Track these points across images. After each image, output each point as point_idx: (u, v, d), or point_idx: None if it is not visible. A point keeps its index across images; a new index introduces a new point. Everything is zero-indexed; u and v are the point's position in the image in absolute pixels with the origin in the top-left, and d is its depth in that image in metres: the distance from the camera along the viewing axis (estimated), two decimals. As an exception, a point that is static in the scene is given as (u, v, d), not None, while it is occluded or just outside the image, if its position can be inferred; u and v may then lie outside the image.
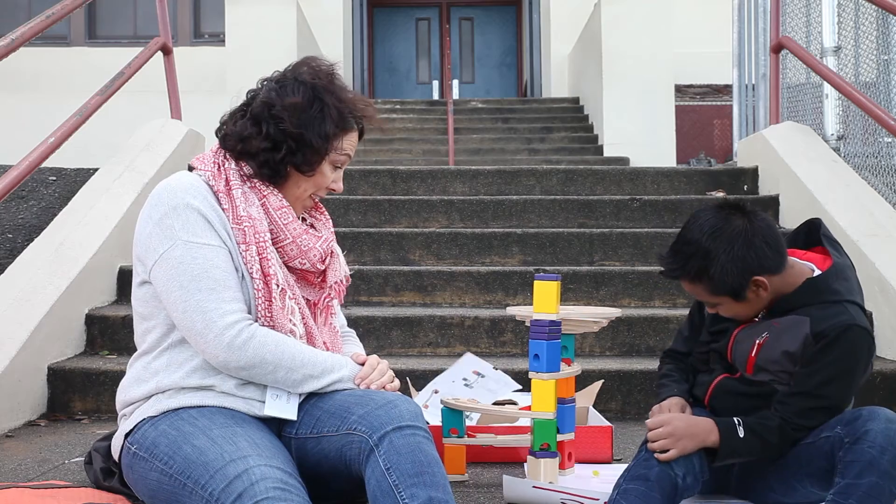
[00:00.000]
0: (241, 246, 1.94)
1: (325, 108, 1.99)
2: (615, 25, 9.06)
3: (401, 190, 5.09)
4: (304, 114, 1.98)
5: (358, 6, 12.71)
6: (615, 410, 3.24)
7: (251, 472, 1.71)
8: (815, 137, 4.77)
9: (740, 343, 2.11)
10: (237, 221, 1.95)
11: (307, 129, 1.98)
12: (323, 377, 1.94)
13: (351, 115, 2.04)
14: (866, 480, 1.84)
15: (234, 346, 1.87)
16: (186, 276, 1.89)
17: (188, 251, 1.90)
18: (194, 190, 1.95)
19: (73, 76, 10.56)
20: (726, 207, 2.07)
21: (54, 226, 3.93)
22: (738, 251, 2.00)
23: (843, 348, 1.98)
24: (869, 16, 4.84)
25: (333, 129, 2.00)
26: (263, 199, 2.00)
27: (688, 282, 2.07)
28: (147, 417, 1.91)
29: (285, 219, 2.00)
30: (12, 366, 3.08)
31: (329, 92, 2.02)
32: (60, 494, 2.11)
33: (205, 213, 1.93)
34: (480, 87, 14.58)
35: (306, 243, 2.01)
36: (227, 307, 1.89)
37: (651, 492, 1.90)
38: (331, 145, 2.00)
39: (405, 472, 1.74)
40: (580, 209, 4.69)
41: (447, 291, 4.00)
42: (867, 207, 3.94)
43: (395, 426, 1.78)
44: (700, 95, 10.92)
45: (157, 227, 1.93)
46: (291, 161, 1.99)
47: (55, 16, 3.81)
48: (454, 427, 2.43)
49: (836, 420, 1.95)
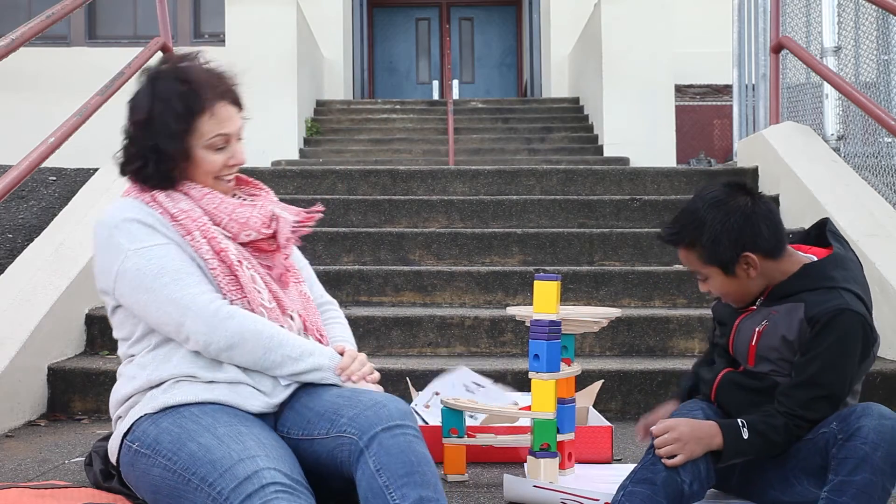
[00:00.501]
0: (187, 237, 1.99)
1: (165, 104, 1.99)
2: (615, 25, 9.06)
3: (401, 190, 5.09)
4: (150, 126, 2.00)
5: (358, 6, 12.71)
6: (615, 410, 3.24)
7: (261, 475, 1.71)
8: (815, 137, 4.77)
9: (741, 333, 2.11)
10: (174, 219, 2.00)
11: (157, 138, 1.99)
12: (301, 360, 1.95)
13: (202, 94, 2.00)
14: (860, 477, 1.83)
15: (215, 324, 1.90)
16: (148, 278, 1.93)
17: (140, 257, 1.95)
18: (127, 207, 2.01)
19: (73, 76, 10.54)
20: (733, 185, 2.10)
21: (54, 226, 3.94)
22: (733, 223, 2.03)
23: (835, 333, 1.97)
24: (869, 16, 4.84)
25: (181, 126, 1.99)
26: (187, 194, 2.04)
27: (682, 248, 2.10)
28: (145, 414, 1.91)
29: (214, 202, 2.03)
30: (12, 366, 3.08)
31: (172, 81, 2.01)
32: (60, 494, 2.11)
33: (143, 219, 1.98)
34: (480, 87, 14.58)
35: (243, 215, 2.03)
36: (196, 289, 1.93)
37: (657, 496, 1.90)
38: (186, 140, 2.00)
39: (395, 473, 1.74)
40: (580, 209, 4.69)
41: (447, 291, 4.00)
42: (867, 207, 3.94)
43: (384, 426, 1.79)
44: (700, 95, 10.92)
45: (106, 251, 1.99)
46: (160, 170, 2.01)
47: (55, 16, 3.81)
48: (454, 427, 2.43)
49: (834, 416, 1.95)
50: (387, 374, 3.22)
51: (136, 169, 2.03)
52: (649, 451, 1.98)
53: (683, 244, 2.09)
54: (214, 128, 2.01)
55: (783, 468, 2.02)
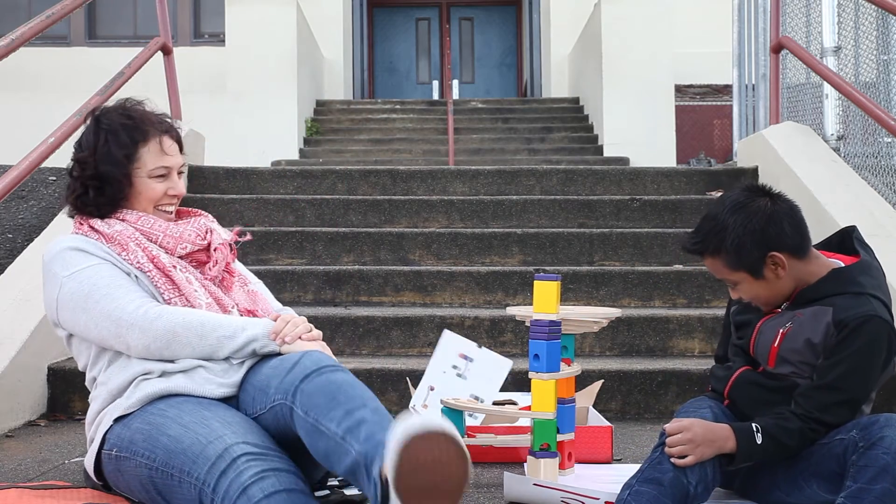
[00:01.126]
0: (122, 253, 2.09)
1: (108, 134, 2.12)
2: (615, 25, 9.06)
3: (401, 190, 5.09)
4: (94, 154, 2.13)
5: (358, 6, 12.71)
6: (615, 410, 3.24)
7: (230, 451, 1.76)
8: (815, 137, 4.77)
9: (764, 334, 2.11)
10: (109, 240, 2.11)
11: (100, 165, 2.12)
12: (236, 336, 2.00)
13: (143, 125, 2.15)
14: (879, 486, 1.83)
15: (146, 327, 1.98)
16: (81, 299, 2.03)
17: (73, 281, 2.05)
18: (65, 239, 2.14)
19: (73, 76, 10.56)
20: (752, 189, 2.10)
21: (54, 226, 3.93)
22: (756, 224, 2.02)
23: (863, 339, 1.97)
24: (869, 16, 4.84)
25: (124, 151, 2.12)
26: (123, 220, 2.15)
27: (708, 256, 2.09)
28: (116, 420, 1.97)
29: (147, 223, 2.14)
30: (12, 366, 3.08)
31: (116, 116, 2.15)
32: (60, 494, 2.11)
33: (79, 245, 2.09)
34: (480, 87, 14.58)
35: (176, 230, 2.14)
36: (124, 300, 2.01)
37: (663, 497, 1.89)
38: (129, 166, 2.13)
39: (319, 406, 1.79)
40: (580, 209, 4.69)
41: (447, 291, 4.00)
42: (867, 207, 3.93)
43: (301, 378, 1.85)
44: (700, 95, 10.93)
45: (47, 283, 2.10)
46: (102, 195, 2.14)
47: (55, 16, 3.81)
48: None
49: (853, 423, 1.95)
50: (387, 374, 3.22)
51: (76, 196, 2.16)
52: (656, 450, 1.97)
53: (708, 252, 2.08)
54: (156, 159, 2.15)
55: (793, 470, 2.02)
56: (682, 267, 4.14)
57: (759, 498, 2.09)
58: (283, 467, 1.76)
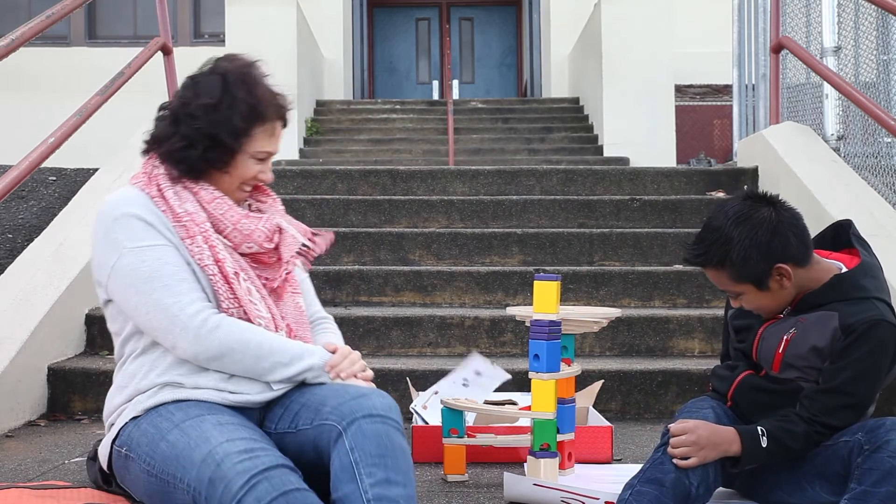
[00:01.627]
0: (187, 240, 1.97)
1: (234, 102, 2.01)
2: (615, 25, 9.06)
3: (401, 190, 5.09)
4: (215, 111, 2.00)
5: (358, 6, 12.71)
6: (615, 410, 3.24)
7: (214, 453, 1.72)
8: (815, 137, 4.77)
9: (766, 340, 2.10)
10: (177, 219, 1.98)
11: (218, 127, 1.99)
12: (292, 365, 1.95)
13: (265, 107, 2.04)
14: (884, 489, 1.83)
15: (202, 336, 1.90)
16: (139, 280, 1.93)
17: (136, 256, 1.94)
18: (130, 200, 1.99)
19: (73, 76, 10.55)
20: (753, 197, 2.07)
21: (54, 226, 3.93)
22: (761, 237, 1.99)
23: (871, 343, 1.96)
24: (869, 16, 4.84)
25: (243, 125, 2.01)
26: (196, 195, 2.02)
27: (711, 268, 2.06)
28: (130, 419, 1.94)
29: (220, 208, 2.02)
30: (12, 366, 3.08)
31: (241, 86, 2.03)
32: (60, 494, 2.11)
33: (144, 217, 1.97)
34: (480, 87, 14.58)
35: (247, 227, 2.03)
36: (185, 299, 1.92)
37: (664, 498, 1.89)
38: (242, 141, 2.02)
39: (368, 453, 1.75)
40: (580, 209, 4.69)
41: (447, 291, 4.00)
42: (867, 207, 3.93)
43: (365, 414, 1.80)
44: (700, 95, 10.92)
45: (104, 244, 1.98)
46: (205, 157, 2.01)
47: (55, 16, 3.81)
48: (454, 427, 2.43)
49: (858, 426, 1.95)
50: (387, 374, 3.22)
51: (176, 148, 2.00)
52: (658, 450, 1.97)
53: (712, 265, 2.05)
54: (265, 143, 2.05)
55: (796, 471, 2.02)
56: (682, 267, 4.14)
57: (760, 497, 2.09)
58: (272, 463, 1.71)
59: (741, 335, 2.18)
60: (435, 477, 2.47)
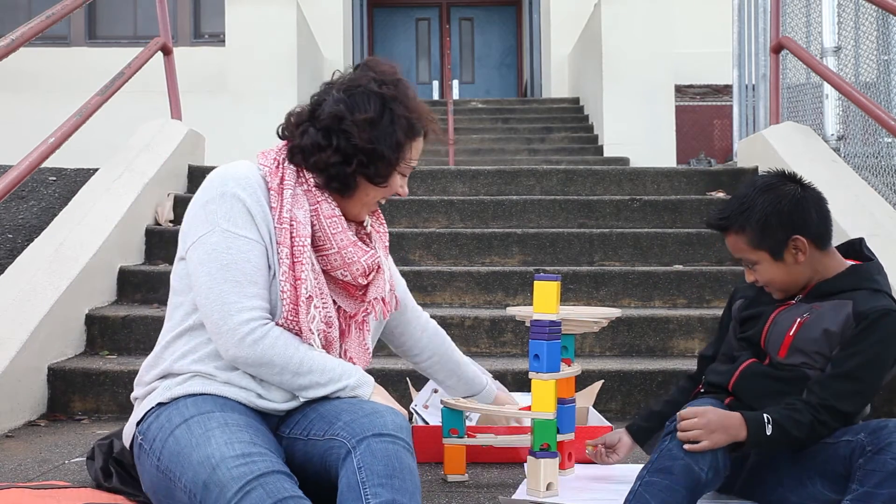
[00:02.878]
0: (278, 246, 1.94)
1: (395, 119, 1.99)
2: (615, 25, 9.06)
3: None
4: (375, 128, 1.98)
5: (358, 6, 12.72)
6: (615, 410, 3.24)
7: (211, 456, 1.71)
8: (815, 137, 4.77)
9: (778, 324, 2.12)
10: (280, 221, 1.95)
11: (379, 143, 1.98)
12: (329, 385, 1.93)
13: (418, 122, 2.04)
14: (886, 491, 1.83)
15: (245, 343, 1.88)
16: (216, 265, 1.90)
17: (224, 239, 1.91)
18: (245, 181, 1.95)
19: (73, 76, 10.55)
20: (783, 174, 2.15)
21: (54, 226, 3.93)
22: (783, 206, 2.08)
23: (882, 332, 2.00)
24: (869, 16, 4.84)
25: (404, 139, 2.01)
26: (316, 204, 1.99)
27: (732, 232, 2.12)
28: (156, 405, 1.92)
29: (334, 228, 1.99)
30: (12, 366, 3.08)
31: (398, 101, 2.01)
32: (60, 494, 2.11)
33: (249, 205, 1.93)
34: (480, 87, 14.58)
35: (351, 256, 2.00)
36: (246, 303, 1.89)
37: (675, 485, 1.89)
38: (401, 155, 2.02)
39: (375, 472, 1.73)
40: (580, 209, 4.69)
41: (447, 291, 4.00)
42: (867, 207, 3.94)
43: (375, 433, 1.78)
44: (700, 95, 10.92)
45: (202, 210, 1.95)
46: (363, 173, 1.99)
47: (55, 16, 3.81)
48: (454, 427, 2.43)
49: (861, 426, 1.95)
50: (387, 374, 3.22)
51: (330, 162, 1.97)
52: (665, 439, 1.97)
53: (733, 228, 2.11)
54: (415, 153, 2.07)
55: (798, 469, 2.02)
56: (682, 267, 4.14)
57: (762, 496, 2.09)
58: (268, 469, 1.69)
59: (747, 325, 2.19)
60: (435, 477, 2.47)
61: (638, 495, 1.91)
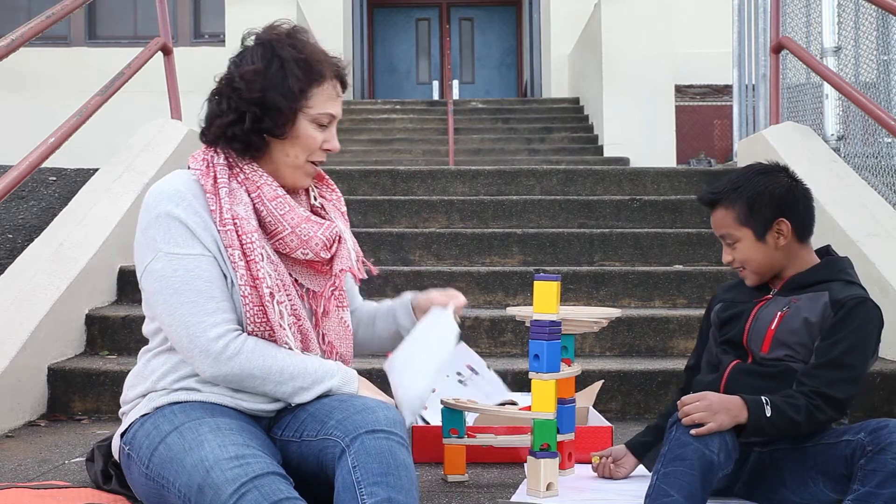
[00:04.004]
0: (228, 249, 1.88)
1: (284, 63, 1.91)
2: (615, 25, 9.06)
3: (401, 190, 5.09)
4: (263, 77, 1.91)
5: (358, 6, 12.71)
6: (615, 410, 3.24)
7: (205, 459, 1.69)
8: (815, 138, 4.77)
9: (760, 320, 2.15)
10: (222, 224, 1.89)
11: (268, 91, 1.89)
12: (312, 388, 1.91)
13: (320, 64, 1.94)
14: (888, 491, 1.83)
15: (220, 361, 1.84)
16: (169, 290, 1.85)
17: (169, 263, 1.86)
18: (178, 196, 1.89)
19: (73, 76, 10.55)
20: (777, 166, 2.24)
21: (54, 226, 3.93)
22: (776, 189, 2.17)
23: (861, 318, 2.04)
24: (869, 16, 4.84)
25: (299, 84, 1.91)
26: (257, 190, 1.92)
27: (721, 205, 2.18)
28: (140, 416, 1.91)
29: (281, 209, 1.92)
30: (12, 366, 3.08)
31: (287, 46, 1.93)
32: (60, 494, 2.11)
33: (186, 220, 1.87)
34: (480, 87, 14.58)
35: (306, 232, 1.93)
36: (210, 320, 1.84)
37: (692, 470, 1.88)
38: (300, 102, 1.92)
39: (370, 471, 1.71)
40: (580, 209, 4.69)
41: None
42: (867, 207, 3.93)
43: (368, 429, 1.77)
44: (700, 95, 10.92)
45: (143, 237, 1.91)
46: (260, 128, 1.91)
47: (55, 16, 3.81)
48: (454, 427, 2.43)
49: (861, 426, 1.95)
50: (378, 373, 3.21)
51: (226, 123, 1.90)
52: (671, 429, 1.97)
53: (723, 203, 2.17)
54: (325, 103, 1.95)
55: (800, 468, 2.02)
56: (682, 267, 4.14)
57: (764, 497, 2.09)
58: (262, 470, 1.67)
59: (728, 327, 2.21)
60: (435, 477, 2.47)
61: (657, 489, 1.91)
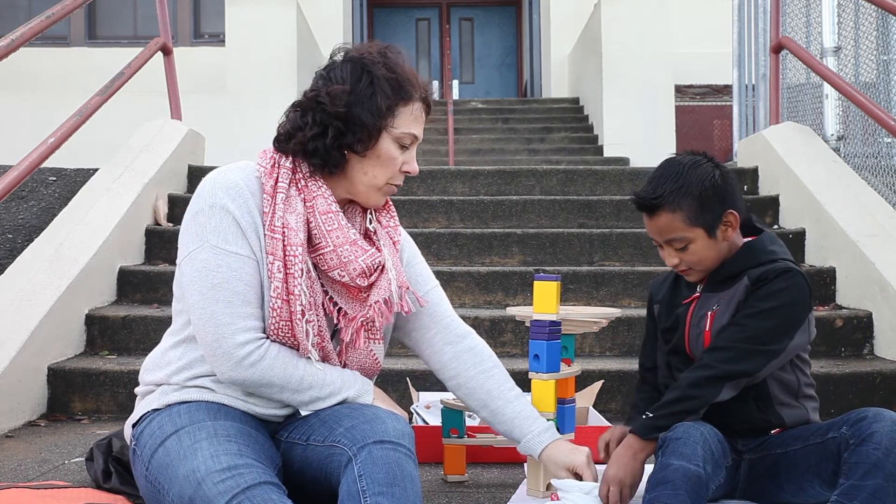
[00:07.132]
0: (269, 257, 1.85)
1: (374, 80, 1.89)
2: (615, 25, 9.07)
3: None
4: (351, 93, 1.88)
5: (358, 6, 12.71)
6: (615, 410, 3.24)
7: (196, 470, 1.67)
8: (814, 138, 4.77)
9: (695, 327, 2.12)
10: (272, 229, 1.86)
11: (354, 107, 1.87)
12: (329, 398, 1.91)
13: (406, 84, 1.91)
14: (871, 482, 1.81)
15: (242, 367, 1.83)
16: (207, 284, 1.83)
17: (213, 256, 1.83)
18: (236, 190, 1.87)
19: (73, 76, 10.55)
20: (698, 153, 2.12)
21: (54, 226, 3.93)
22: (717, 180, 2.05)
23: (779, 285, 2.00)
24: (869, 16, 4.84)
25: (387, 102, 1.88)
26: (312, 201, 1.89)
27: (666, 210, 2.04)
28: (151, 410, 1.90)
29: (329, 224, 1.89)
30: (12, 366, 3.08)
31: (379, 64, 1.90)
32: (60, 494, 2.11)
33: (239, 218, 1.85)
34: (480, 87, 14.58)
35: (347, 255, 1.89)
36: (241, 324, 1.83)
37: (676, 491, 1.86)
38: (385, 120, 1.89)
39: (376, 481, 1.70)
40: (580, 209, 4.69)
41: (447, 292, 3.91)
42: (867, 207, 3.93)
43: (376, 440, 1.76)
44: (700, 95, 10.92)
45: (193, 222, 1.87)
46: (342, 143, 1.88)
47: (55, 16, 3.81)
48: (454, 427, 2.43)
49: (842, 419, 1.94)
50: (387, 373, 3.22)
51: (308, 136, 1.87)
52: (656, 455, 1.97)
53: (668, 206, 2.03)
54: (410, 124, 1.92)
55: (795, 472, 2.02)
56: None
57: (762, 499, 2.09)
58: (255, 481, 1.65)
59: (668, 334, 2.18)
60: (435, 477, 2.47)
61: None
